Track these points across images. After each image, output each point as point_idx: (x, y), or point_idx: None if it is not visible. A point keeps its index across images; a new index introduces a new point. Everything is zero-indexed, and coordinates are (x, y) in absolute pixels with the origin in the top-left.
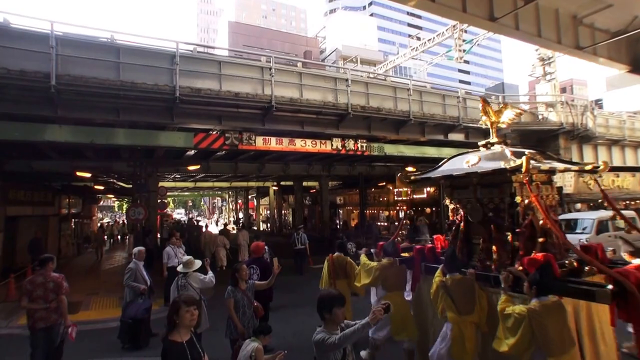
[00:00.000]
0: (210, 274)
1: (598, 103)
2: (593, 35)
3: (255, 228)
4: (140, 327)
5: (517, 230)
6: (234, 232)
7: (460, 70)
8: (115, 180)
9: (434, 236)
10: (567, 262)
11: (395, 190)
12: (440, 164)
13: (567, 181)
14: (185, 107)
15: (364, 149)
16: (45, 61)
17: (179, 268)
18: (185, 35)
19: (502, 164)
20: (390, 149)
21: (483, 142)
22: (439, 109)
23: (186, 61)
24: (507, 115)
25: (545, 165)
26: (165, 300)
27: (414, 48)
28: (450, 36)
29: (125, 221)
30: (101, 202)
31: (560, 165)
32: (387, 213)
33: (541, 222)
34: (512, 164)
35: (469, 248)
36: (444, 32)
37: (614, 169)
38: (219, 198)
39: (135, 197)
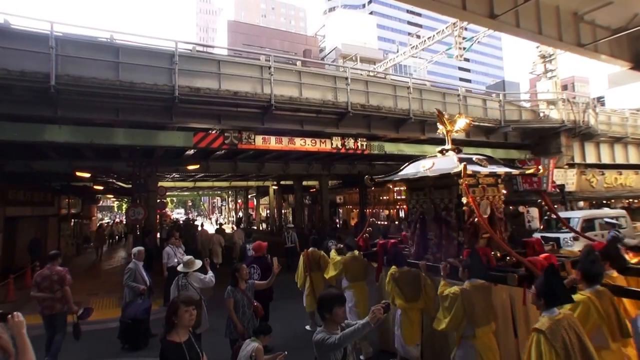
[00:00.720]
0: (210, 273)
1: (600, 100)
2: (594, 32)
3: (255, 227)
4: (139, 327)
5: (463, 227)
6: (230, 231)
7: (460, 68)
8: (114, 180)
9: (402, 233)
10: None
11: (396, 189)
12: (401, 167)
13: (569, 179)
14: (184, 106)
15: (364, 147)
16: (45, 61)
17: (180, 268)
18: (184, 34)
19: (448, 169)
20: (391, 148)
21: (439, 148)
22: (439, 107)
23: (185, 60)
24: (460, 124)
25: (486, 170)
26: (165, 300)
27: (413, 46)
28: (450, 34)
29: (124, 221)
30: (100, 203)
31: (501, 170)
32: (387, 212)
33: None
34: (455, 170)
35: (424, 243)
36: (444, 30)
37: (617, 167)
38: (218, 198)
39: (134, 197)
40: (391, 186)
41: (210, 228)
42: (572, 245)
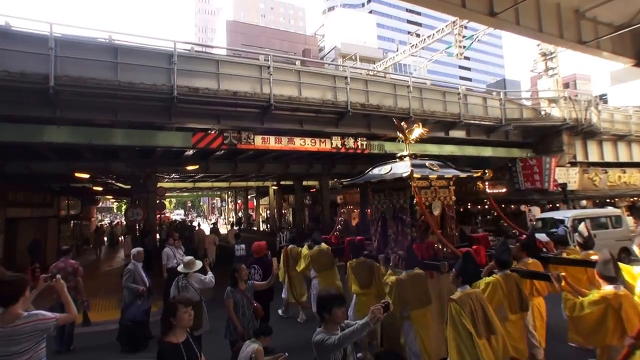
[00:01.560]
0: (210, 274)
1: (602, 98)
2: (596, 29)
3: (255, 228)
4: (139, 329)
5: (415, 224)
6: (224, 232)
7: (460, 67)
8: (113, 181)
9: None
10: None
11: None
12: (366, 171)
13: (571, 178)
14: (183, 106)
15: (364, 147)
16: (44, 63)
17: (180, 268)
18: (183, 34)
19: (400, 173)
20: (391, 147)
21: (399, 154)
22: (439, 106)
23: (184, 60)
24: (416, 133)
25: (434, 174)
26: (165, 302)
27: (413, 45)
28: (450, 32)
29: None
30: (100, 204)
31: (451, 173)
32: None
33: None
34: (404, 174)
35: (385, 239)
36: (444, 28)
37: (621, 165)
38: (218, 198)
39: (133, 198)
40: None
41: (207, 228)
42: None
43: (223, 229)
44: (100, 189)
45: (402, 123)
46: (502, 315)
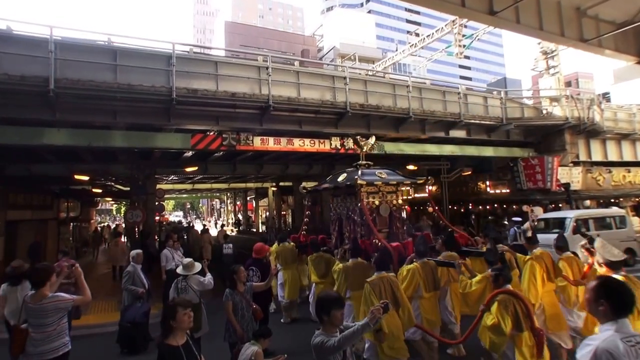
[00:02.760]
0: (209, 275)
1: (605, 96)
2: (598, 27)
3: (254, 229)
4: (138, 331)
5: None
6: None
7: (461, 66)
8: (113, 183)
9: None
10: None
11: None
12: (327, 178)
13: (574, 177)
14: (182, 108)
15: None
16: (44, 65)
17: (179, 270)
18: (181, 36)
19: (349, 181)
20: (391, 147)
21: (355, 163)
22: (439, 105)
23: (183, 62)
24: (370, 143)
25: (379, 181)
26: (164, 303)
27: (413, 44)
28: (449, 31)
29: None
30: (99, 206)
31: (392, 179)
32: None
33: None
34: (350, 181)
35: (341, 236)
36: (443, 27)
37: (625, 164)
38: (217, 200)
39: (133, 199)
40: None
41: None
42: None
43: (213, 231)
44: (99, 191)
45: (358, 137)
46: (418, 293)
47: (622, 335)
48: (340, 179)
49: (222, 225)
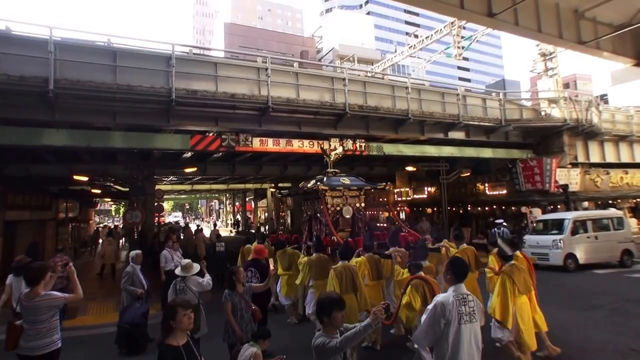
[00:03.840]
0: (208, 276)
1: (603, 98)
2: (595, 29)
3: (253, 230)
4: (137, 332)
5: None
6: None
7: (459, 68)
8: (112, 184)
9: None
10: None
11: (396, 190)
12: (300, 184)
13: (572, 179)
14: (181, 109)
15: (363, 148)
16: (43, 66)
17: (178, 271)
18: (181, 37)
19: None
20: (389, 149)
21: (324, 171)
22: (438, 107)
23: (182, 63)
24: (338, 152)
25: (341, 186)
26: (163, 304)
27: (411, 46)
28: (448, 33)
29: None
30: (98, 206)
31: (353, 184)
32: (386, 214)
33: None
34: (313, 186)
35: (311, 235)
36: (442, 29)
37: (623, 166)
38: (216, 200)
39: (132, 200)
40: (389, 188)
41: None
42: (561, 247)
43: (207, 231)
44: (98, 191)
45: (325, 148)
46: (365, 282)
47: (455, 294)
48: (310, 184)
49: (215, 225)
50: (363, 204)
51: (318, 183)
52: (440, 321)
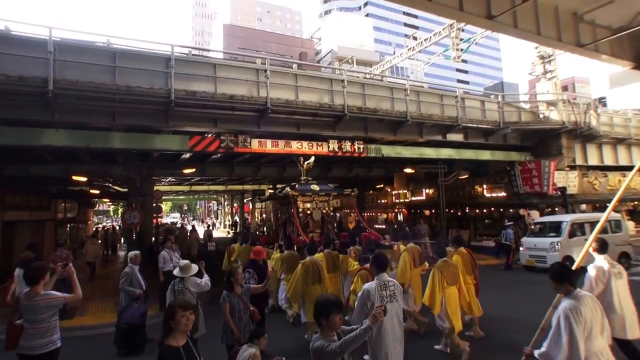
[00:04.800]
0: (206, 277)
1: (601, 101)
2: (594, 32)
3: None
4: (135, 332)
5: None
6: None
7: (458, 70)
8: (110, 184)
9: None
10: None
11: (394, 192)
12: (277, 190)
13: (570, 181)
14: (180, 110)
15: (361, 150)
16: (43, 66)
17: (176, 272)
18: (180, 38)
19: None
20: (388, 151)
21: (298, 179)
22: (436, 109)
23: (181, 64)
24: (310, 162)
25: (310, 192)
26: (161, 305)
27: (410, 48)
28: (447, 35)
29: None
30: (97, 207)
31: (322, 190)
32: (384, 216)
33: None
34: (285, 192)
35: (285, 235)
36: (441, 31)
37: (621, 169)
38: (214, 202)
39: (130, 201)
40: (389, 190)
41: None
42: (558, 250)
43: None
44: (97, 192)
45: (301, 159)
46: (324, 274)
47: (378, 282)
48: (285, 190)
49: (209, 226)
50: (332, 208)
51: (289, 189)
52: (367, 303)
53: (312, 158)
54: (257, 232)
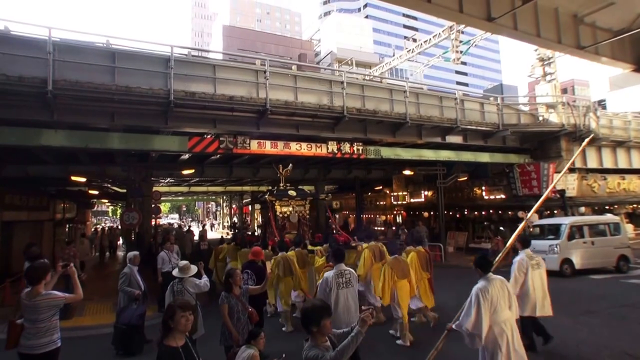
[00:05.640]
0: (205, 278)
1: (601, 104)
2: (594, 34)
3: (249, 233)
4: (134, 333)
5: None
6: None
7: (457, 72)
8: (109, 185)
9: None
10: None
11: (392, 194)
12: (259, 196)
13: (569, 184)
14: (179, 110)
15: (360, 152)
16: (42, 67)
17: (175, 273)
18: (180, 39)
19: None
20: (387, 152)
21: (276, 186)
22: (436, 111)
23: (181, 65)
24: (288, 169)
25: (285, 197)
26: (160, 306)
27: (410, 50)
28: (446, 37)
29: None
30: (95, 207)
31: (297, 196)
32: (383, 217)
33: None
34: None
35: (265, 235)
36: (441, 33)
37: (620, 172)
38: (213, 203)
39: (129, 201)
40: (388, 191)
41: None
42: (557, 252)
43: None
44: (96, 192)
45: (280, 165)
46: (295, 267)
47: (336, 271)
48: (264, 196)
49: (203, 226)
50: (307, 211)
51: (267, 195)
52: (326, 289)
53: (290, 165)
54: (245, 233)
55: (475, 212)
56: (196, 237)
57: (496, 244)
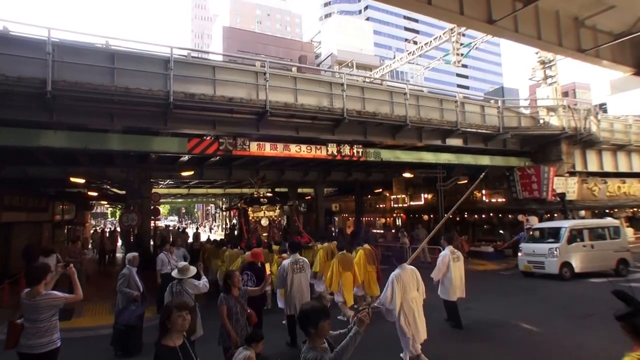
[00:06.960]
0: (204, 279)
1: (602, 107)
2: (595, 37)
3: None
4: (132, 334)
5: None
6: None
7: (458, 75)
8: (108, 187)
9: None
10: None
11: (392, 197)
12: (237, 201)
13: (570, 187)
14: (179, 112)
15: (360, 154)
16: (41, 67)
17: (174, 274)
18: (179, 40)
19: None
20: (387, 155)
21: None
22: (436, 113)
23: (180, 66)
24: (260, 176)
25: (256, 204)
26: (158, 307)
27: (410, 52)
28: (447, 40)
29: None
30: (94, 209)
31: (269, 203)
32: (383, 220)
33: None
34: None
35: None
36: (441, 35)
37: (620, 175)
38: (212, 205)
39: (128, 203)
40: (387, 194)
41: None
42: (557, 256)
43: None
44: (95, 194)
45: (257, 177)
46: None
47: (292, 259)
48: (238, 204)
49: (197, 228)
50: (278, 216)
51: (241, 201)
52: (283, 274)
53: (263, 174)
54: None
55: (476, 215)
56: (190, 240)
57: (460, 243)
